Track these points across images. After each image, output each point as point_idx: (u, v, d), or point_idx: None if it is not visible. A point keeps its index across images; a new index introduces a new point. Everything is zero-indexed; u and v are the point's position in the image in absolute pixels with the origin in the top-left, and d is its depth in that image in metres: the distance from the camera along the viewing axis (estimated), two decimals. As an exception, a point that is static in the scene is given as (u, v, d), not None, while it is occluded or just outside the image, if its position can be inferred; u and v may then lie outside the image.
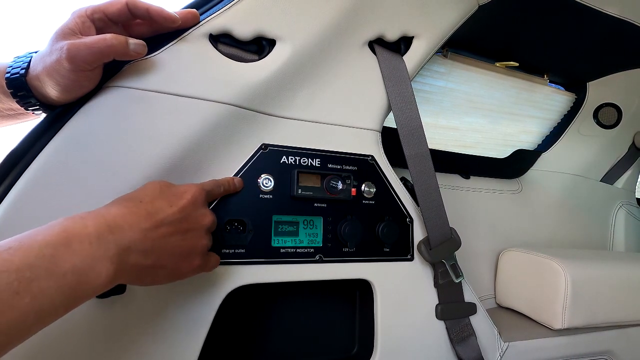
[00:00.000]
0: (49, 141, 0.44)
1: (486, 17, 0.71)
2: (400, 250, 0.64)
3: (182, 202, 0.42)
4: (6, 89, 0.44)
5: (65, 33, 0.42)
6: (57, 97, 0.44)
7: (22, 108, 0.45)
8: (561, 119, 1.10)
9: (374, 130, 0.65)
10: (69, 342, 0.44)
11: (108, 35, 0.42)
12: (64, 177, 0.44)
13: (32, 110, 0.45)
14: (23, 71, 0.43)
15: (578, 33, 0.80)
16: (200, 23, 0.51)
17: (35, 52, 0.45)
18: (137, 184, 0.47)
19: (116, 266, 0.35)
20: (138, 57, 0.46)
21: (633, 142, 1.15)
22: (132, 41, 0.44)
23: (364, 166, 0.63)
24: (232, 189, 0.53)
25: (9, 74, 0.43)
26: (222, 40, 0.53)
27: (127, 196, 0.41)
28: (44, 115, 0.47)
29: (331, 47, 0.59)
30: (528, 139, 1.10)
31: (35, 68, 0.43)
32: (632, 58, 0.93)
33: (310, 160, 0.60)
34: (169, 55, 0.49)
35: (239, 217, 0.54)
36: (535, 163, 1.07)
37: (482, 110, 0.98)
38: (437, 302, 0.67)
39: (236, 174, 0.54)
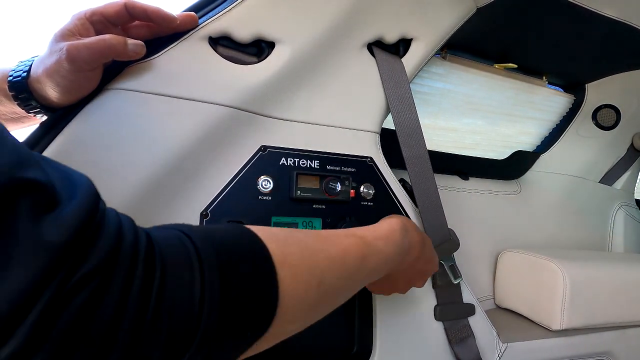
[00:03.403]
0: (49, 143, 0.44)
1: (485, 19, 0.72)
2: (399, 251, 0.65)
3: (430, 267, 0.55)
4: (8, 92, 0.44)
5: (65, 35, 0.43)
6: (58, 99, 0.44)
7: (24, 111, 0.46)
8: (560, 121, 1.10)
9: (372, 132, 0.65)
10: None
11: (107, 36, 0.43)
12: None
13: (34, 112, 0.46)
14: (24, 74, 0.44)
15: (576, 35, 0.80)
16: (200, 26, 0.51)
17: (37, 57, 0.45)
18: (137, 186, 0.47)
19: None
20: (137, 58, 0.46)
21: (632, 144, 1.16)
22: (131, 41, 0.44)
23: (362, 168, 0.64)
24: None
25: (11, 77, 0.44)
26: (221, 43, 0.54)
27: (418, 228, 0.53)
28: (45, 117, 0.47)
29: (330, 50, 0.60)
30: (527, 140, 1.10)
31: (36, 71, 0.44)
32: (630, 59, 0.93)
33: (309, 161, 0.60)
34: (169, 57, 0.50)
35: (238, 218, 0.54)
36: (534, 164, 1.07)
37: (480, 112, 0.98)
38: (435, 303, 0.67)
39: (235, 176, 0.55)
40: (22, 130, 0.52)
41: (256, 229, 0.32)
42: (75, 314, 0.20)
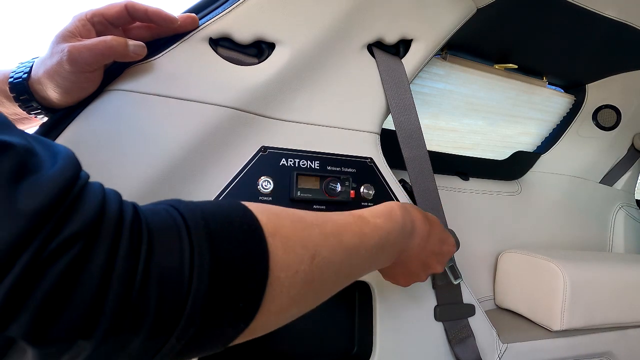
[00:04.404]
0: None
1: (485, 20, 0.72)
2: (399, 251, 0.65)
3: (447, 248, 0.54)
4: (9, 93, 0.44)
5: (66, 36, 0.43)
6: (58, 100, 0.44)
7: (25, 112, 0.46)
8: (560, 121, 1.10)
9: (372, 133, 0.66)
10: None
11: (108, 37, 0.43)
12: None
13: (34, 114, 0.46)
14: (25, 75, 0.44)
15: (577, 35, 0.80)
16: (200, 27, 0.51)
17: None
18: (138, 186, 0.47)
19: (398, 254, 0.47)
20: (137, 59, 0.47)
21: (632, 144, 1.16)
22: (132, 42, 0.45)
23: (363, 168, 0.64)
24: None
25: (12, 79, 0.44)
26: (221, 44, 0.54)
27: (420, 210, 0.52)
28: (46, 119, 0.47)
29: (330, 50, 0.60)
30: (527, 141, 1.10)
31: (37, 72, 0.44)
32: (630, 60, 0.93)
33: (309, 162, 0.60)
34: (169, 58, 0.50)
35: (239, 219, 0.54)
36: (535, 165, 1.07)
37: (481, 112, 0.98)
38: (435, 303, 0.67)
39: (236, 177, 0.55)
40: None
41: (249, 204, 0.32)
42: (56, 279, 0.20)
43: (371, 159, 0.65)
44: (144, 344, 0.23)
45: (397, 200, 0.66)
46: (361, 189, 0.63)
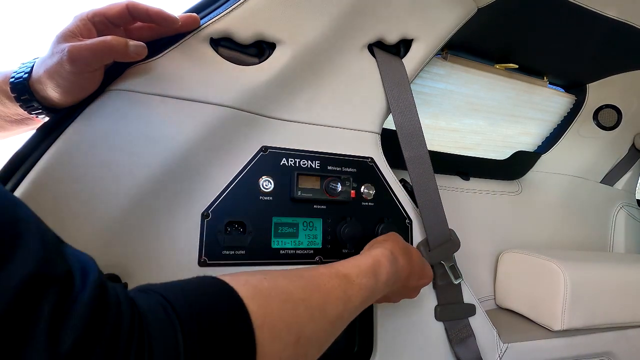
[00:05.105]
0: (52, 144, 0.45)
1: (485, 20, 0.72)
2: (399, 251, 0.65)
3: (424, 282, 0.58)
4: (10, 94, 0.44)
5: (67, 36, 0.43)
6: (59, 100, 0.44)
7: (27, 112, 0.46)
8: (561, 121, 1.10)
9: (373, 133, 0.66)
10: None
11: (108, 37, 0.43)
12: (66, 180, 0.45)
13: (36, 113, 0.46)
14: (26, 75, 0.44)
15: (577, 35, 0.80)
16: (201, 27, 0.51)
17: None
18: (139, 186, 0.48)
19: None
20: (138, 59, 0.46)
21: (633, 144, 1.16)
22: (132, 42, 0.45)
23: (363, 168, 0.64)
24: None
25: (13, 79, 0.44)
26: (222, 44, 0.54)
27: (405, 247, 0.54)
28: (47, 119, 0.47)
29: (331, 50, 0.60)
30: (528, 141, 1.10)
31: (38, 72, 0.44)
32: (631, 59, 0.93)
33: (310, 162, 0.60)
34: (170, 58, 0.50)
35: (239, 218, 0.54)
36: (535, 165, 1.07)
37: (481, 112, 0.98)
38: (436, 303, 0.67)
39: (236, 176, 0.55)
40: (25, 131, 0.52)
41: (238, 284, 0.32)
42: None
43: (372, 158, 0.65)
44: None
45: (398, 200, 0.66)
46: (362, 189, 0.63)
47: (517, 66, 0.93)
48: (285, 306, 0.34)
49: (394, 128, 0.66)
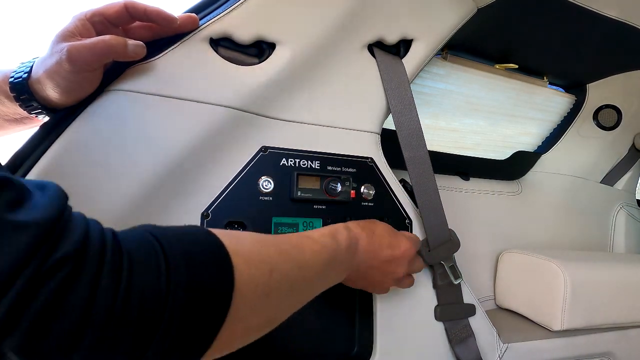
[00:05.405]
0: (51, 144, 0.45)
1: (485, 20, 0.72)
2: (399, 251, 0.65)
3: (397, 253, 0.55)
4: (10, 93, 0.44)
5: (66, 35, 0.43)
6: (58, 100, 0.44)
7: (26, 112, 0.46)
8: (561, 121, 1.10)
9: (373, 133, 0.66)
10: None
11: (107, 37, 0.43)
12: (66, 180, 0.44)
13: (35, 113, 0.46)
14: (25, 75, 0.44)
15: (577, 35, 0.80)
16: (201, 27, 0.51)
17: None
18: (138, 186, 0.47)
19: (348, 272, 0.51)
20: (137, 58, 0.47)
21: (633, 144, 1.15)
22: (131, 42, 0.45)
23: (363, 168, 0.64)
24: None
25: (12, 79, 0.44)
26: (222, 44, 0.54)
27: (365, 221, 0.56)
28: (47, 118, 0.47)
29: (331, 50, 0.60)
30: (528, 141, 1.10)
31: (37, 71, 0.44)
32: (631, 60, 0.93)
33: (309, 162, 0.60)
34: (170, 59, 0.50)
35: (239, 218, 0.54)
36: (535, 165, 1.07)
37: (481, 112, 0.98)
38: (436, 303, 0.67)
39: (236, 177, 0.55)
40: (26, 131, 0.52)
41: (210, 229, 0.36)
42: (49, 296, 0.22)
43: (371, 158, 0.65)
44: (125, 356, 0.25)
45: (398, 200, 0.66)
46: (361, 189, 0.63)
47: (517, 66, 0.93)
48: (256, 244, 0.37)
49: (394, 128, 0.66)
